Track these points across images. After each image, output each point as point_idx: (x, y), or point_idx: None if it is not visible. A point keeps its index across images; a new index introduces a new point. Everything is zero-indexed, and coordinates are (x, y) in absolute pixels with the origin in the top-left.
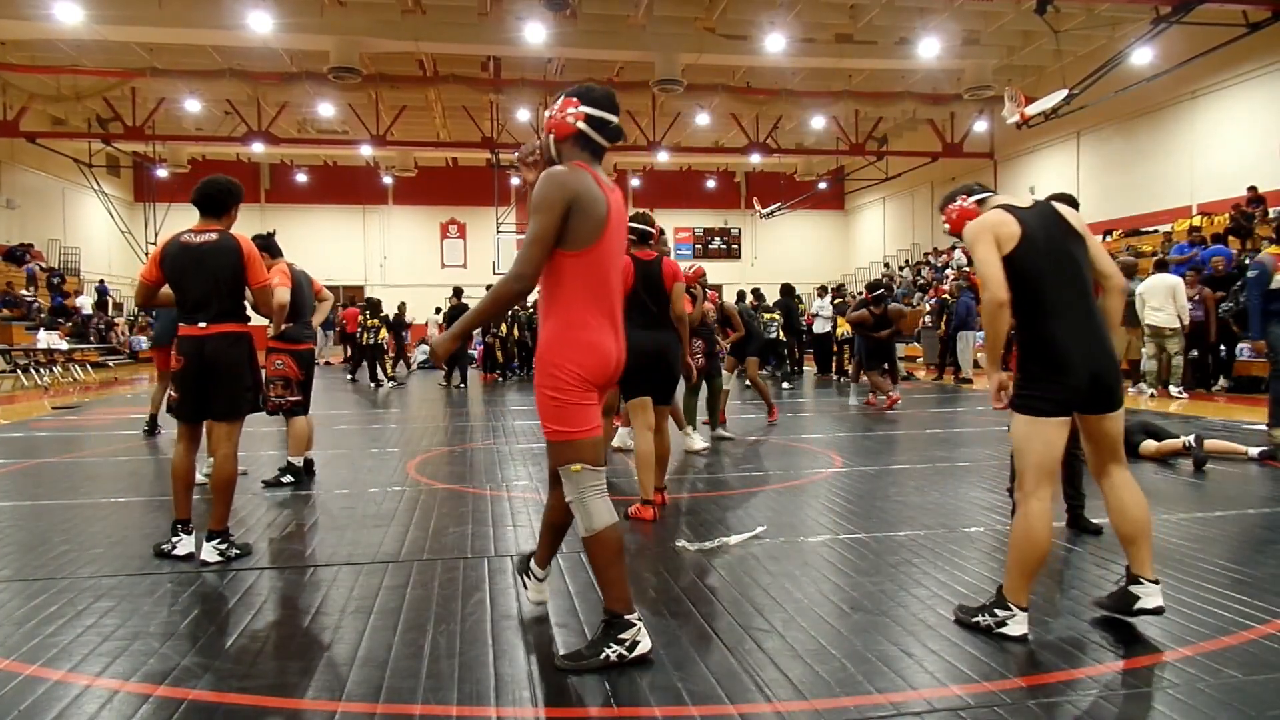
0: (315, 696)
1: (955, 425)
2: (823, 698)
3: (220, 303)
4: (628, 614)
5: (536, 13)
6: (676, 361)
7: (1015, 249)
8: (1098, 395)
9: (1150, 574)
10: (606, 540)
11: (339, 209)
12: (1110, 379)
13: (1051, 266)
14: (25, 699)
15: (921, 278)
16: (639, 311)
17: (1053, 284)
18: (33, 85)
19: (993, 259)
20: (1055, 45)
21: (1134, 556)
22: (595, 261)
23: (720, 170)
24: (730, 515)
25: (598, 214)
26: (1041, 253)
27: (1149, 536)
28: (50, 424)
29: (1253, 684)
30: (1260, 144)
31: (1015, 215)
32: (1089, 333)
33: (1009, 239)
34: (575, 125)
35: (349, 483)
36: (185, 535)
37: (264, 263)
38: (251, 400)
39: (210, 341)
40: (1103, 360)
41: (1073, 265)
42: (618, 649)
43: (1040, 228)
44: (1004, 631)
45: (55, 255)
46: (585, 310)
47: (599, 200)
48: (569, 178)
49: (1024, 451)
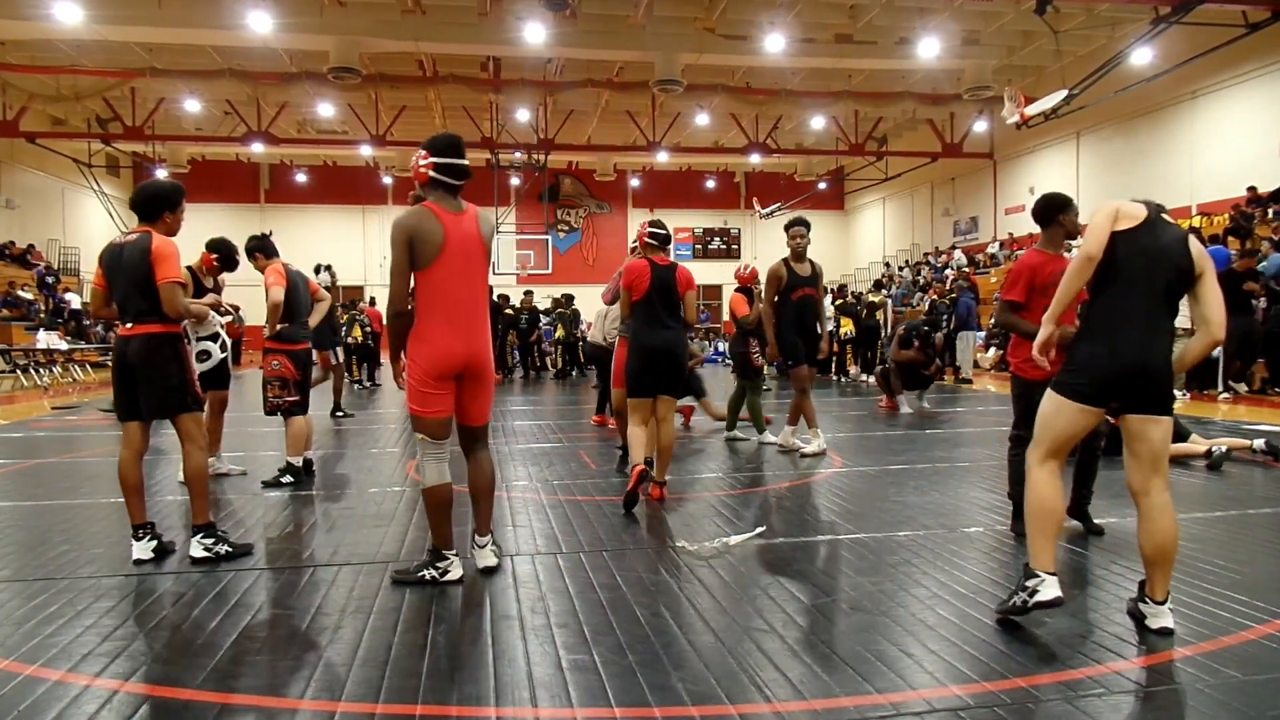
0: (315, 697)
1: (955, 425)
2: (822, 698)
3: (138, 303)
4: (446, 549)
5: (536, 13)
6: (684, 358)
7: (1126, 231)
8: (1140, 392)
9: (1162, 596)
10: (436, 493)
11: (339, 209)
12: (1156, 379)
13: (1144, 268)
14: (25, 699)
15: (921, 278)
16: (651, 312)
17: (1136, 284)
18: (32, 85)
19: (1105, 225)
20: (1055, 45)
21: (1152, 577)
22: (436, 278)
23: (720, 170)
24: (730, 515)
25: (434, 242)
26: (1144, 251)
27: (1171, 562)
28: (50, 424)
29: (1253, 684)
30: (1260, 144)
31: (1147, 210)
32: (1144, 338)
33: (1128, 219)
34: (428, 173)
35: (349, 483)
36: (135, 541)
37: (260, 263)
38: (179, 400)
39: (132, 343)
40: (1150, 361)
41: (1163, 281)
42: (433, 572)
43: (1160, 234)
44: (1039, 599)
45: (55, 255)
46: (430, 316)
47: (435, 231)
48: (406, 219)
49: (1045, 425)
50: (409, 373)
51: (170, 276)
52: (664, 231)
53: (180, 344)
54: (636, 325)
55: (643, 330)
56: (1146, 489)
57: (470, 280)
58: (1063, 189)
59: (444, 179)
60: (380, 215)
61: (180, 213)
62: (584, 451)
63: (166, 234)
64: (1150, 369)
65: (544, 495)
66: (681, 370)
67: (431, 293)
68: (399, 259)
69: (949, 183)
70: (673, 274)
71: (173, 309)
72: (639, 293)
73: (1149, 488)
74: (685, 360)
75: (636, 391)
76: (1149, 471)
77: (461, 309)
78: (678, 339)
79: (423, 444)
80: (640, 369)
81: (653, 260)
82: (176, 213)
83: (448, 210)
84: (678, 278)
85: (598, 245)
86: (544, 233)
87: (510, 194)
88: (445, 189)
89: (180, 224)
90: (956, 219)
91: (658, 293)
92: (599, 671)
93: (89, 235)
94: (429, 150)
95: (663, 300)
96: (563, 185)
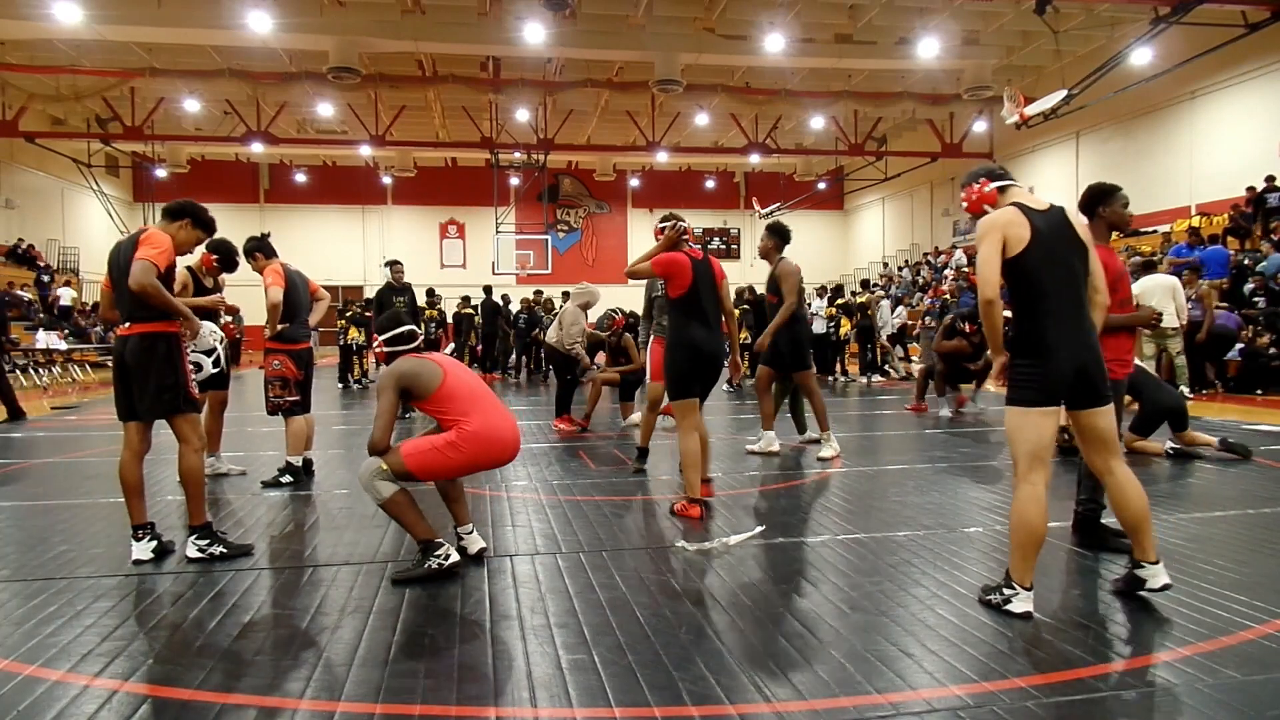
0: (314, 696)
1: (955, 425)
2: (822, 698)
3: (132, 301)
4: (434, 539)
5: (536, 13)
6: (725, 361)
7: (1023, 251)
8: (1083, 389)
9: (1153, 556)
10: (393, 502)
11: (338, 209)
12: (1094, 374)
13: (1052, 271)
14: (25, 699)
15: (921, 278)
16: (698, 309)
17: (1052, 287)
18: (32, 85)
19: (994, 259)
20: (1055, 45)
21: (1137, 543)
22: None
23: (720, 170)
24: (730, 515)
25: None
26: (1046, 258)
27: (1149, 523)
28: (50, 424)
29: (1251, 684)
30: (1259, 144)
31: (1029, 217)
32: (1076, 332)
33: (1018, 241)
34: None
35: (348, 483)
36: (135, 541)
37: (259, 263)
38: (172, 400)
39: (128, 343)
40: (1086, 356)
41: (1071, 273)
42: (435, 562)
43: (1050, 233)
44: (1009, 609)
45: (54, 255)
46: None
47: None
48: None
49: (1015, 441)
50: (450, 446)
51: (143, 256)
52: (677, 221)
53: (175, 344)
54: (683, 322)
55: (695, 329)
56: (1108, 468)
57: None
58: (1062, 189)
59: (225, 267)
60: (379, 215)
61: (191, 227)
62: (584, 451)
63: (175, 240)
64: (1094, 362)
65: (544, 495)
66: (720, 371)
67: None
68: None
69: (949, 183)
70: (710, 267)
71: (138, 284)
72: (682, 287)
73: (1109, 465)
74: (725, 358)
75: (683, 393)
76: (1105, 453)
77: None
78: (722, 342)
79: (383, 474)
80: (690, 371)
81: (689, 253)
82: (184, 223)
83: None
84: (714, 269)
85: (597, 245)
86: (544, 233)
87: (510, 194)
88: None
89: (192, 239)
90: (956, 219)
91: (704, 286)
92: (599, 671)
93: (88, 235)
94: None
95: (709, 295)
96: (562, 185)
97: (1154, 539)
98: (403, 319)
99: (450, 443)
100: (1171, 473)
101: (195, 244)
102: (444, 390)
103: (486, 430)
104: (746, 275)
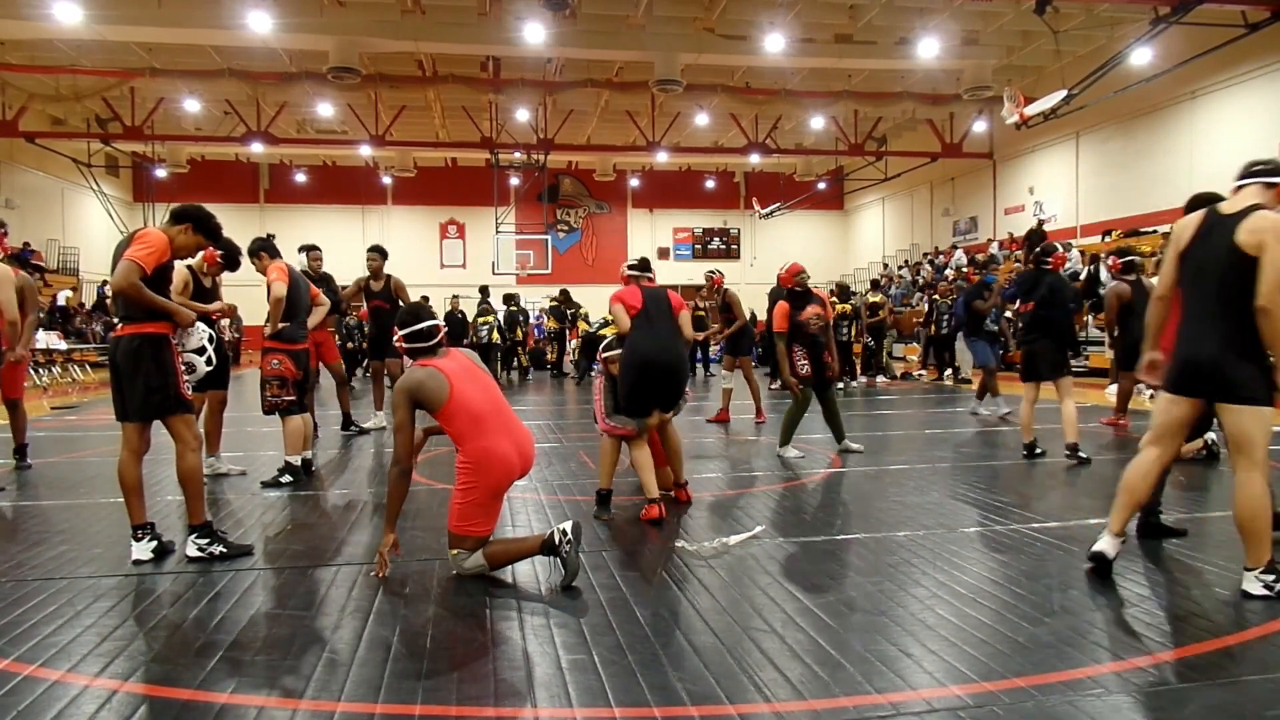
0: (314, 696)
1: (955, 425)
2: (821, 698)
3: (123, 302)
4: (532, 554)
5: (536, 13)
6: (684, 375)
7: (1185, 249)
8: (1197, 381)
9: (1251, 563)
10: (492, 559)
11: (338, 209)
12: (1206, 368)
13: (1193, 272)
14: (25, 699)
15: (921, 277)
16: (647, 325)
17: (1188, 286)
18: (32, 85)
19: (1170, 256)
20: (1055, 45)
21: (1243, 545)
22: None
23: (720, 170)
24: (730, 515)
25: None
26: (1192, 257)
27: (1253, 534)
28: (50, 424)
29: (1252, 684)
30: (1260, 144)
31: (1204, 218)
32: (1198, 330)
33: (1179, 243)
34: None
35: (348, 483)
36: (135, 541)
37: (263, 262)
38: (160, 402)
39: (120, 344)
40: (1200, 351)
41: (1210, 273)
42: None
43: (1206, 234)
44: (1091, 550)
45: (54, 255)
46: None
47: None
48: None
49: (1153, 411)
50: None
51: (130, 255)
52: (638, 260)
53: (164, 345)
54: (633, 336)
55: (644, 343)
56: (1234, 468)
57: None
58: (1062, 189)
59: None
60: (379, 215)
61: (192, 231)
62: (584, 451)
63: (175, 244)
64: (1207, 358)
65: (544, 495)
66: (681, 387)
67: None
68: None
69: (949, 183)
70: (664, 292)
71: (116, 284)
72: (634, 309)
73: (1234, 466)
74: (686, 377)
75: (633, 409)
76: (1233, 451)
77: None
78: (678, 353)
79: (459, 558)
80: (637, 381)
81: (641, 284)
82: (185, 227)
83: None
84: (669, 296)
85: (597, 245)
86: (543, 233)
87: (510, 194)
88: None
89: (192, 243)
90: (956, 219)
91: (653, 305)
92: (598, 671)
93: (88, 236)
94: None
95: (658, 311)
96: (562, 185)
97: (1266, 545)
98: (424, 313)
99: (461, 488)
100: (1171, 473)
101: (195, 249)
102: (449, 408)
103: (484, 456)
104: (746, 275)
